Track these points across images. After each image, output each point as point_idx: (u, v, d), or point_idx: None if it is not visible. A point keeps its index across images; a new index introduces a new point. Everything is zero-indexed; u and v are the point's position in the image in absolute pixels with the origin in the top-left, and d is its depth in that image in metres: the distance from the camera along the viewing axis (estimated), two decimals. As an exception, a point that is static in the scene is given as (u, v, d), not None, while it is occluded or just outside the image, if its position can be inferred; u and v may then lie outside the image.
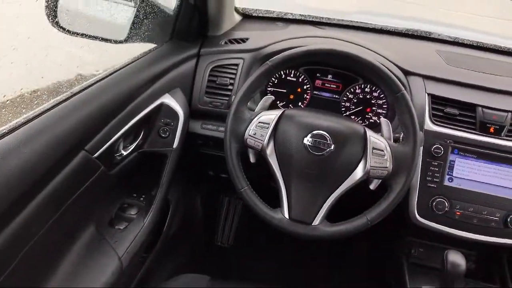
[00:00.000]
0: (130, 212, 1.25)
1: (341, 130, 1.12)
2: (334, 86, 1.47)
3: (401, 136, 1.18)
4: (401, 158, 1.10)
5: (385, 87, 1.13)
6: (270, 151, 1.14)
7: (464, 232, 1.27)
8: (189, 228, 1.81)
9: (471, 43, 1.63)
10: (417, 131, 1.09)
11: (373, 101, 1.44)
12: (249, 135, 1.14)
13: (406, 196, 1.29)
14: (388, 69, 1.15)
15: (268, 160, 1.14)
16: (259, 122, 1.14)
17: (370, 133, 1.13)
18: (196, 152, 1.48)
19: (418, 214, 1.28)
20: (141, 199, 1.30)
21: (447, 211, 1.26)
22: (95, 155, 1.02)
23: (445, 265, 1.17)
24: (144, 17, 1.34)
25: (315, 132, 1.11)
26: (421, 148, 1.27)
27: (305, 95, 1.48)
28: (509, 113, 1.27)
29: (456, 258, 1.16)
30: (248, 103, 1.23)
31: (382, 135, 1.15)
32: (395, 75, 1.29)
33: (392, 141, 1.14)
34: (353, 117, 1.45)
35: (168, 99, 1.29)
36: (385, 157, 1.10)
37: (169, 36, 1.40)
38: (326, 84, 1.48)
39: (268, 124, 1.14)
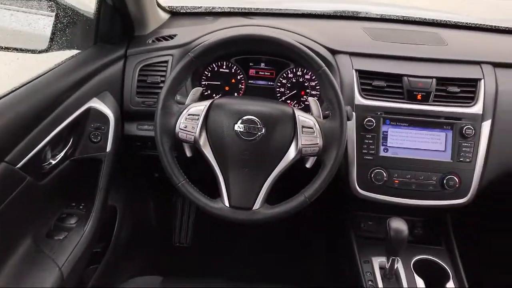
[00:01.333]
0: (69, 222, 1.22)
1: (270, 113, 1.13)
2: (268, 73, 1.48)
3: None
4: (330, 133, 1.12)
5: (307, 66, 1.15)
6: (203, 142, 1.13)
7: (404, 199, 1.30)
8: (144, 232, 1.79)
9: (397, 18, 1.67)
10: (342, 105, 1.11)
11: (306, 84, 1.46)
12: (180, 129, 1.13)
13: (346, 171, 1.31)
14: (309, 48, 1.16)
15: (202, 151, 1.14)
16: (188, 115, 1.14)
17: (298, 112, 1.14)
18: (137, 155, 1.46)
19: (359, 187, 1.30)
20: (81, 207, 1.27)
21: (386, 180, 1.29)
22: (18, 165, 0.99)
23: (389, 233, 1.20)
24: (65, 24, 1.32)
25: (244, 118, 1.12)
26: (353, 122, 1.30)
27: (240, 85, 1.48)
28: (434, 79, 1.31)
29: (398, 225, 1.19)
30: (179, 98, 1.23)
31: (312, 114, 1.17)
32: (319, 54, 1.32)
33: (321, 118, 1.16)
34: (289, 101, 1.47)
35: (96, 103, 1.26)
36: (315, 134, 1.12)
37: (92, 40, 1.38)
38: (260, 72, 1.49)
39: (198, 115, 1.14)
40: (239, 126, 1.11)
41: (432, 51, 1.40)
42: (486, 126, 1.29)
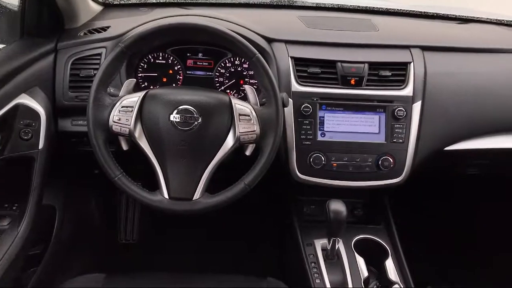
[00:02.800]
0: (1, 224, 1.17)
1: (207, 102, 1.13)
2: (206, 63, 1.48)
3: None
4: (267, 119, 1.13)
5: (241, 53, 1.15)
6: (138, 134, 1.12)
7: (343, 181, 1.34)
8: (88, 230, 1.74)
9: (331, 6, 1.71)
10: (277, 91, 1.12)
11: (244, 73, 1.47)
12: (114, 121, 1.11)
13: (286, 156, 1.33)
14: (245, 37, 1.17)
15: (138, 144, 1.12)
16: (122, 107, 1.11)
17: (235, 100, 1.15)
18: (74, 152, 1.42)
19: (299, 172, 1.33)
20: (14, 208, 1.22)
21: (324, 164, 1.32)
22: None
23: (328, 215, 1.23)
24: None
25: (180, 107, 1.11)
26: (291, 108, 1.32)
27: (178, 76, 1.47)
28: (366, 64, 1.35)
29: (337, 206, 1.23)
30: (113, 90, 1.20)
31: (249, 102, 1.17)
32: (255, 42, 1.33)
33: (258, 106, 1.17)
34: (228, 91, 1.47)
35: (25, 99, 1.21)
36: (252, 122, 1.12)
37: (18, 35, 1.31)
38: (198, 63, 1.48)
39: (132, 107, 1.11)
40: (174, 116, 1.10)
41: (364, 37, 1.44)
42: (416, 108, 1.34)
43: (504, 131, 1.40)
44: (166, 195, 1.11)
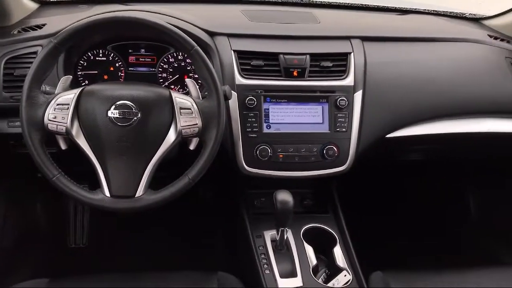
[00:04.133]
0: None
1: (146, 96, 1.11)
2: (149, 59, 1.45)
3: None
4: (208, 112, 1.12)
5: (180, 47, 1.14)
6: (76, 132, 1.08)
7: (289, 172, 1.35)
8: (34, 236, 1.68)
9: (275, 0, 1.72)
10: (217, 83, 1.12)
11: (188, 68, 1.45)
12: (49, 120, 1.07)
13: (233, 149, 1.33)
14: (186, 31, 1.15)
15: (76, 142, 1.09)
16: (57, 105, 1.08)
17: (175, 94, 1.13)
18: (13, 155, 1.36)
19: (246, 164, 1.33)
20: None
21: (271, 156, 1.33)
22: None
23: (275, 205, 1.24)
24: None
25: (118, 103, 1.08)
26: (236, 101, 1.31)
27: (120, 73, 1.44)
28: (307, 56, 1.37)
29: (283, 196, 1.24)
30: (48, 88, 1.16)
31: (190, 95, 1.16)
32: (196, 36, 1.32)
33: (200, 99, 1.16)
34: (172, 86, 1.45)
35: None
36: (193, 115, 1.11)
37: None
38: (140, 59, 1.45)
39: (68, 104, 1.08)
40: (112, 112, 1.08)
41: (306, 29, 1.46)
42: (358, 97, 1.37)
43: (443, 117, 1.45)
44: (107, 194, 1.09)
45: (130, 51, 1.44)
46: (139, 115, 1.08)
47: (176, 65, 1.44)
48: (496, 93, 1.46)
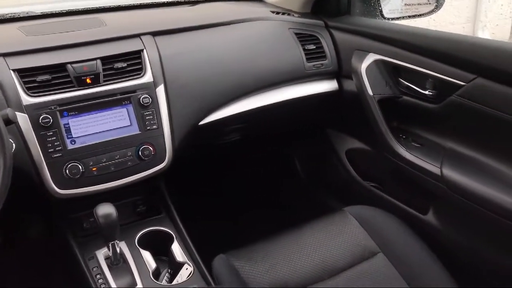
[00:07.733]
0: None
1: None
2: None
3: None
4: None
5: None
6: None
7: (107, 184, 1.29)
8: None
9: (60, 12, 1.61)
10: None
11: None
12: None
13: (39, 175, 1.22)
14: None
15: None
16: None
17: None
18: None
19: (57, 187, 1.23)
20: None
21: (83, 172, 1.25)
22: None
23: (98, 221, 1.17)
24: None
25: None
26: (28, 123, 1.20)
27: None
28: (98, 60, 1.31)
29: (104, 210, 1.18)
30: None
31: None
32: None
33: None
34: None
35: None
36: None
37: None
38: None
39: None
40: None
41: (92, 33, 1.40)
42: (160, 92, 1.36)
43: (245, 94, 1.52)
44: None
45: None
46: None
47: None
48: (287, 62, 1.59)
